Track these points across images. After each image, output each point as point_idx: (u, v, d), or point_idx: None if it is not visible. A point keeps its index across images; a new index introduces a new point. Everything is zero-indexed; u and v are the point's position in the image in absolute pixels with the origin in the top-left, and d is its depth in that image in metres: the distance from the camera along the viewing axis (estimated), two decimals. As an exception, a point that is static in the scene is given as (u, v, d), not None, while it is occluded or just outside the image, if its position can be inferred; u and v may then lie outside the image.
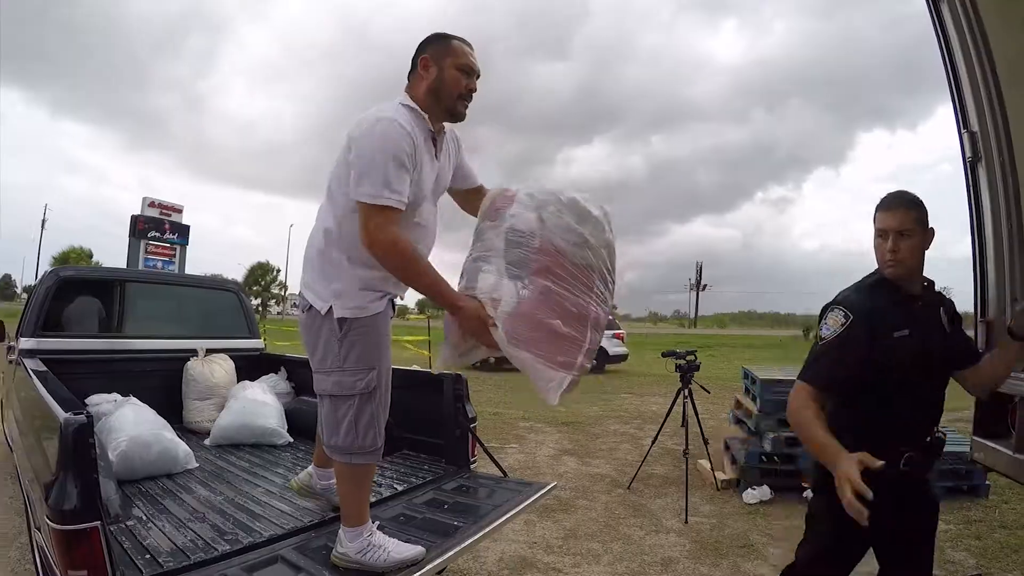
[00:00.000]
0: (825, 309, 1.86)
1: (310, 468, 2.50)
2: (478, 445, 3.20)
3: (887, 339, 1.75)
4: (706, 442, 5.40)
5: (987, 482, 4.84)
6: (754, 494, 4.93)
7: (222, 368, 4.34)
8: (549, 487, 2.88)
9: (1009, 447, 1.89)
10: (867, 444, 1.59)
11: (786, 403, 1.75)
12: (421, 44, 1.93)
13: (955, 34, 2.26)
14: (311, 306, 1.93)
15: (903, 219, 1.77)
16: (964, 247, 2.45)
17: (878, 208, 1.83)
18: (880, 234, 1.82)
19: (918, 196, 1.80)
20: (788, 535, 4.09)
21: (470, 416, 3.14)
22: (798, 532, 2.06)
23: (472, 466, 3.15)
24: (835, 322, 1.79)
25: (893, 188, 1.83)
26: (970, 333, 2.32)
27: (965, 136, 2.31)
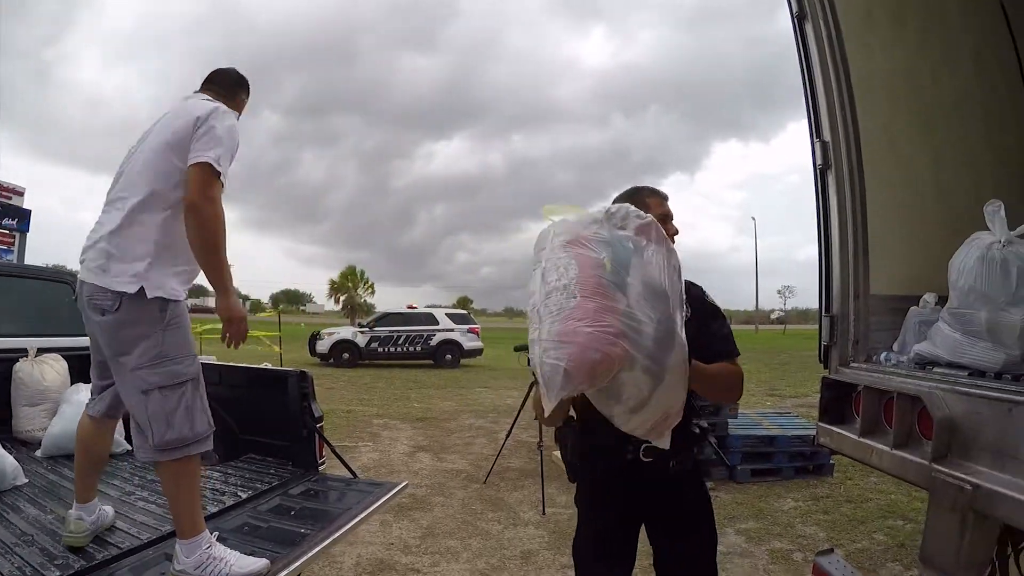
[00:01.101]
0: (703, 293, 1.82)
1: (74, 512, 2.13)
2: (326, 446, 3.08)
3: None
4: None
5: (831, 461, 5.32)
6: None
7: (54, 369, 3.71)
8: (400, 486, 2.81)
9: (854, 431, 2.04)
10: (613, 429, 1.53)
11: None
12: (241, 82, 2.33)
13: (816, 51, 2.43)
14: (119, 303, 1.86)
15: (668, 207, 1.80)
16: (809, 250, 2.65)
17: (651, 195, 1.79)
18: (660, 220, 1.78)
19: None
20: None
21: (316, 415, 3.01)
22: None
23: (321, 468, 3.04)
24: None
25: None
26: (814, 327, 2.51)
27: (817, 145, 2.48)
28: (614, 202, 1.68)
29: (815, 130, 2.51)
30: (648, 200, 1.74)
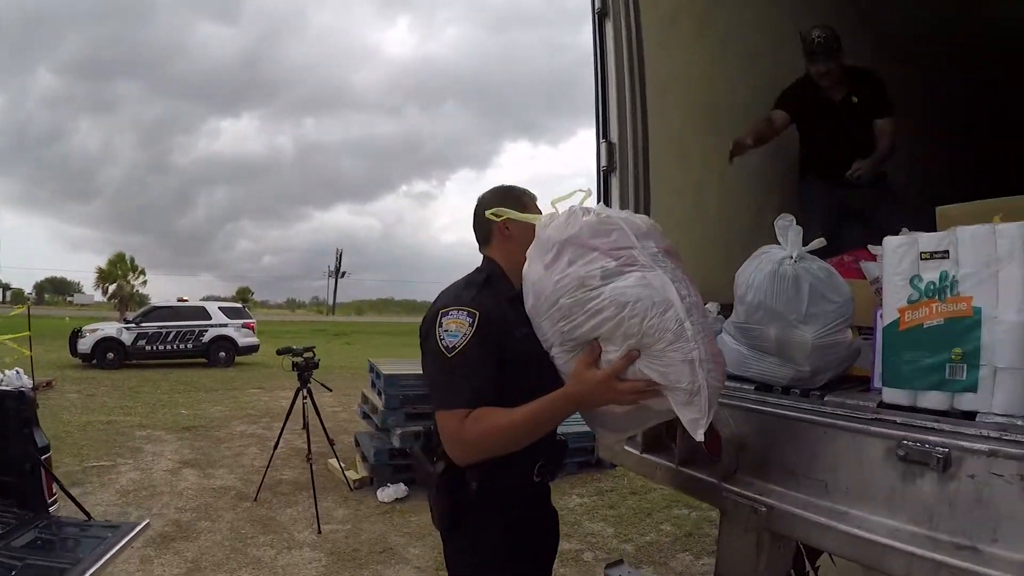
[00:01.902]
0: (436, 316, 1.50)
1: None
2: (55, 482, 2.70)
3: (511, 338, 1.51)
4: (332, 443, 5.21)
5: (613, 453, 5.59)
6: (389, 492, 4.85)
7: None
8: (140, 527, 2.56)
9: (636, 447, 2.01)
10: (506, 459, 1.43)
11: (412, 396, 1.46)
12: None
13: (613, 49, 2.38)
14: None
15: None
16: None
17: (525, 195, 1.69)
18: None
19: None
20: (428, 531, 4.04)
21: (40, 445, 2.62)
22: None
23: (52, 508, 2.66)
24: (460, 325, 1.46)
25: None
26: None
27: (603, 146, 2.43)
28: (483, 202, 1.65)
29: (602, 130, 2.45)
30: (526, 201, 1.66)
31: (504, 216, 1.55)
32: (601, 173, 2.43)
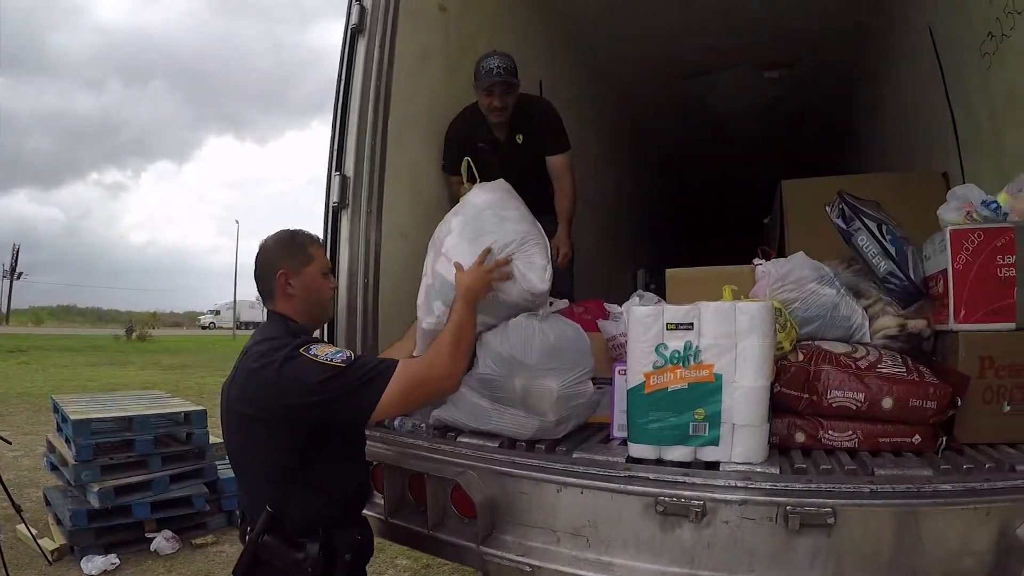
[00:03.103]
0: (295, 362, 1.46)
1: None
2: None
3: None
4: (18, 508, 3.68)
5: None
6: (98, 564, 3.61)
7: None
8: None
9: (379, 511, 1.78)
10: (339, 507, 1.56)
11: (109, 444, 1.14)
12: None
13: (362, 71, 2.17)
14: None
15: None
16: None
17: (313, 244, 1.69)
18: (327, 273, 1.71)
19: None
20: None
21: None
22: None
23: None
24: (328, 346, 1.56)
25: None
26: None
27: (336, 180, 2.18)
28: (265, 252, 1.64)
29: (337, 162, 2.21)
30: (312, 251, 1.67)
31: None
32: (331, 209, 2.16)
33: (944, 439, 1.56)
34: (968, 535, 1.25)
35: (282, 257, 1.61)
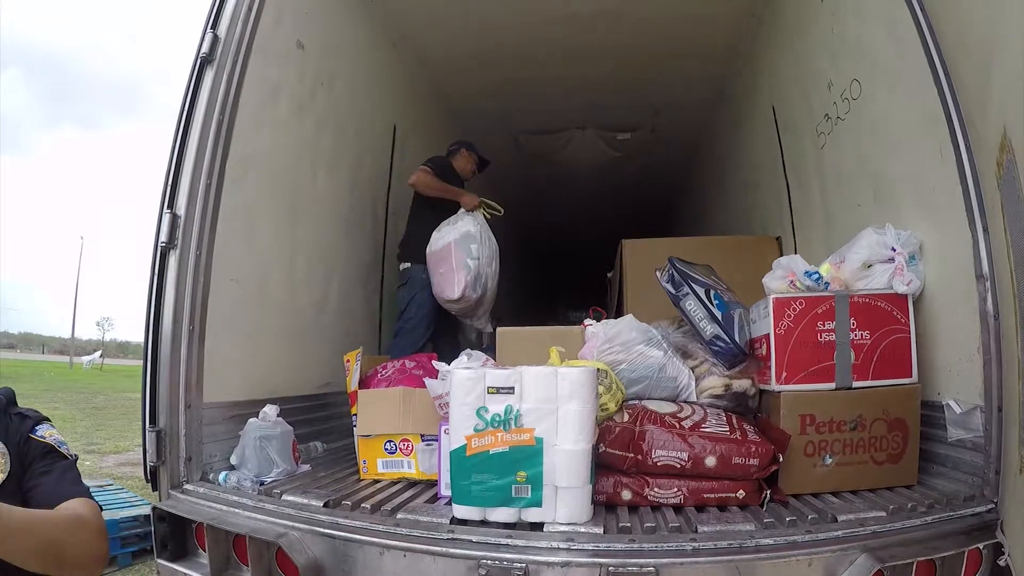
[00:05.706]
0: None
1: None
2: None
3: None
4: None
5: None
6: None
7: None
8: None
9: (203, 571, 1.65)
10: None
11: None
12: None
13: (206, 102, 2.06)
14: None
15: None
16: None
17: None
18: None
19: None
20: None
21: None
22: None
23: None
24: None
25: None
26: (134, 362, 1.97)
27: (167, 218, 2.03)
28: None
29: (169, 198, 2.06)
30: None
31: None
32: (160, 248, 2.01)
33: (768, 493, 1.67)
34: (792, 586, 1.32)
35: None
